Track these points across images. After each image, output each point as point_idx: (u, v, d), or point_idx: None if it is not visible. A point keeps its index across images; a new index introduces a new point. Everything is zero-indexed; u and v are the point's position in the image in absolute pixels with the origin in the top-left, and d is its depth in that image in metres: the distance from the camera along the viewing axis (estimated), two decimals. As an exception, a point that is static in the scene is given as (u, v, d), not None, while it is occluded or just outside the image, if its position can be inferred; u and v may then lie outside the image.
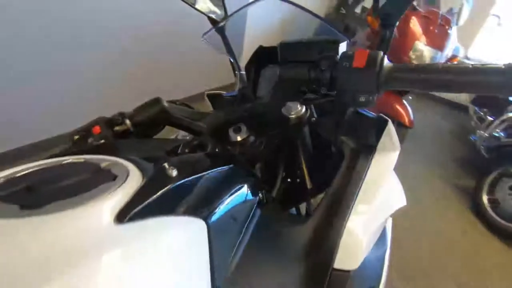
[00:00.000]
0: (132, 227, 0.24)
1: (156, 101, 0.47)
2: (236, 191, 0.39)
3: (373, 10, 0.54)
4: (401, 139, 2.19)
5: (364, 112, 0.55)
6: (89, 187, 0.25)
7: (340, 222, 0.39)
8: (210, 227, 0.31)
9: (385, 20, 0.48)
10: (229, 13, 0.63)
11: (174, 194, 0.29)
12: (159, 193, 0.27)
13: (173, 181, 0.30)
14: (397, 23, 0.49)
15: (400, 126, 2.14)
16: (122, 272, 0.21)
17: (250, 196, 0.42)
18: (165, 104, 0.48)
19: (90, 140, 0.43)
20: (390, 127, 0.50)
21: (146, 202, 0.26)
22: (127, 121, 0.46)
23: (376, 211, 0.43)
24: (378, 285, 0.45)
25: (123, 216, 0.24)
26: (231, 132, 0.50)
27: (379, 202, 0.43)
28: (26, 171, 0.28)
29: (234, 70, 0.69)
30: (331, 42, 0.46)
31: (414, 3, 1.96)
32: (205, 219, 0.30)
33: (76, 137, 0.42)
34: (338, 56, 0.44)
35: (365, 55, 0.39)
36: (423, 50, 2.03)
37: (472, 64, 0.34)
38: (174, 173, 0.30)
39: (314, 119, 0.50)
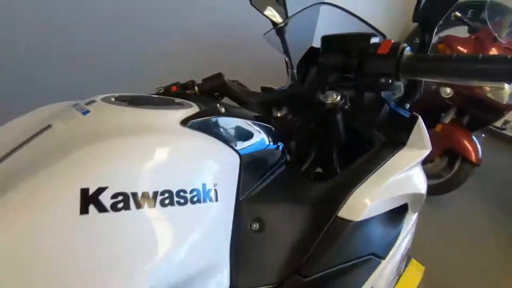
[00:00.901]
0: (191, 132, 0.36)
1: (219, 75, 0.60)
2: (268, 142, 0.49)
3: (414, 16, 0.58)
4: (466, 176, 2.04)
5: (399, 111, 0.61)
6: (167, 105, 0.39)
7: (352, 185, 0.45)
8: (242, 160, 0.41)
9: (424, 25, 0.54)
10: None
11: (219, 125, 0.40)
12: (209, 118, 0.39)
13: (220, 114, 0.41)
14: (436, 29, 0.55)
15: (466, 162, 2.01)
16: (176, 155, 0.33)
17: (280, 151, 0.52)
18: (226, 79, 0.61)
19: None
20: (420, 124, 0.55)
21: (201, 119, 0.38)
22: (196, 88, 0.60)
23: (389, 185, 0.48)
24: (383, 256, 0.49)
25: (185, 122, 0.36)
26: (273, 109, 0.61)
27: (394, 180, 0.48)
28: (132, 96, 0.42)
29: (287, 68, 0.80)
30: (365, 35, 0.54)
31: (496, 35, 1.87)
32: (239, 153, 0.41)
33: (160, 90, 0.58)
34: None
35: (389, 44, 0.46)
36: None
37: (481, 54, 0.40)
38: (222, 110, 0.42)
39: (347, 107, 0.58)
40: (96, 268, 0.24)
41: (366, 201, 0.43)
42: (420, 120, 0.55)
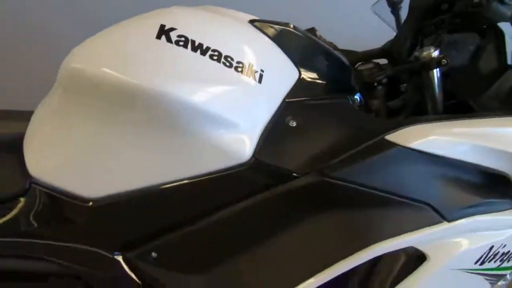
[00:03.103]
0: (255, 29, 0.44)
1: (312, 29, 0.65)
2: (335, 76, 0.50)
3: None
4: None
5: None
6: None
7: (418, 122, 0.41)
8: (301, 76, 0.45)
9: None
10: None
11: (286, 35, 0.46)
12: (276, 26, 0.45)
13: (290, 27, 0.47)
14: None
15: None
16: (234, 29, 0.41)
17: (347, 93, 0.52)
18: (318, 34, 0.65)
19: None
20: None
21: (267, 23, 0.45)
22: None
23: (476, 131, 0.42)
24: (448, 217, 0.41)
25: (253, 21, 0.44)
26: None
27: (486, 130, 0.42)
28: None
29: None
30: None
31: None
32: (299, 70, 0.45)
33: None
34: None
35: None
36: None
37: None
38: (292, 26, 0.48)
39: (445, 61, 0.51)
40: None
41: (429, 132, 0.38)
42: None
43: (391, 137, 0.39)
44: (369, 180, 0.38)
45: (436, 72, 0.53)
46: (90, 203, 0.41)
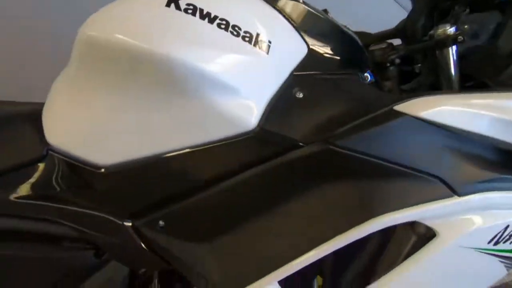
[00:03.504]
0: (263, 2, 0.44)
1: (325, 11, 0.65)
2: (344, 51, 0.49)
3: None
4: None
5: None
6: None
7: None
8: (310, 51, 0.45)
9: None
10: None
11: (295, 9, 0.46)
12: None
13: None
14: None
15: None
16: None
17: (357, 70, 0.51)
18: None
19: None
20: None
21: None
22: None
23: (488, 102, 0.40)
24: (459, 191, 0.39)
25: None
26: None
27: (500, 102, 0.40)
28: None
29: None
30: None
31: None
32: (308, 45, 0.45)
33: None
34: None
35: None
36: None
37: None
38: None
39: (461, 38, 0.49)
40: None
41: (441, 102, 0.37)
42: None
43: (400, 107, 0.38)
44: (376, 150, 0.38)
45: (452, 50, 0.51)
46: (102, 170, 0.42)
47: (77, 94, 0.43)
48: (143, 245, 0.44)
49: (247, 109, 0.39)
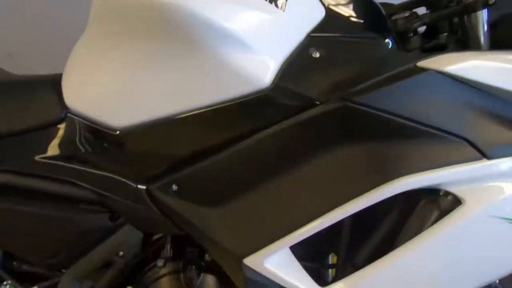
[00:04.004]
0: None
1: None
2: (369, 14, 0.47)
3: None
4: None
5: None
6: None
7: None
8: (328, 15, 0.44)
9: None
10: None
11: None
12: None
13: None
14: None
15: None
16: None
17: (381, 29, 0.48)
18: None
19: None
20: None
21: None
22: None
23: None
24: (488, 153, 0.36)
25: None
26: None
27: None
28: None
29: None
30: None
31: None
32: (325, 7, 0.44)
33: None
34: None
35: None
36: None
37: None
38: None
39: (492, 0, 0.46)
40: None
41: (469, 57, 0.35)
42: None
43: (424, 63, 0.36)
44: (396, 107, 0.36)
45: (482, 15, 0.48)
46: (117, 132, 0.43)
47: (93, 57, 0.44)
48: (156, 209, 0.45)
49: (261, 66, 0.38)
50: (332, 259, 0.55)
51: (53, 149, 0.45)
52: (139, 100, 0.42)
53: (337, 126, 0.37)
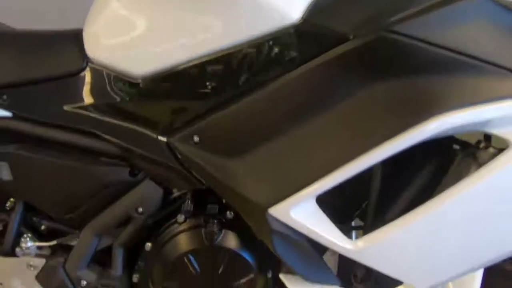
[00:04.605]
0: None
1: None
2: None
3: None
4: None
5: None
6: None
7: None
8: None
9: None
10: None
11: None
12: None
13: None
14: None
15: None
16: None
17: None
18: None
19: None
20: None
21: None
22: None
23: None
24: None
25: None
26: None
27: None
28: None
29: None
30: None
31: None
32: None
33: None
34: None
35: None
36: None
37: None
38: None
39: None
40: None
41: None
42: None
43: None
44: (439, 36, 0.32)
45: None
46: (139, 81, 0.42)
47: (114, 6, 0.43)
48: (177, 162, 0.43)
49: (288, 1, 0.36)
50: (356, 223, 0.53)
51: (73, 98, 0.44)
52: (162, 46, 0.41)
53: (373, 61, 0.35)
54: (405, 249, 0.39)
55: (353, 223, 0.52)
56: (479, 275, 0.52)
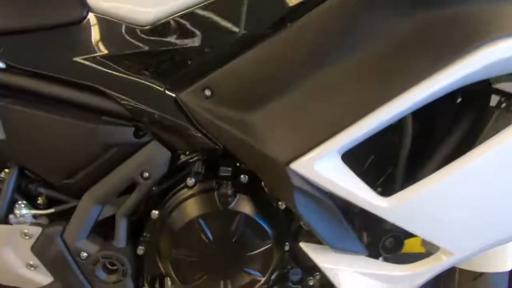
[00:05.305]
0: None
1: None
2: None
3: None
4: None
5: None
6: None
7: None
8: None
9: None
10: None
11: None
12: None
13: None
14: None
15: None
16: None
17: None
18: None
19: None
20: None
21: None
22: None
23: None
24: None
25: None
26: None
27: None
28: None
29: None
30: None
31: None
32: None
33: None
34: None
35: None
36: None
37: None
38: None
39: None
40: None
41: None
42: None
43: None
44: None
45: None
46: (148, 27, 0.38)
47: None
48: (186, 119, 0.39)
49: None
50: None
51: (74, 50, 0.40)
52: None
53: None
54: (441, 207, 0.35)
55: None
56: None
